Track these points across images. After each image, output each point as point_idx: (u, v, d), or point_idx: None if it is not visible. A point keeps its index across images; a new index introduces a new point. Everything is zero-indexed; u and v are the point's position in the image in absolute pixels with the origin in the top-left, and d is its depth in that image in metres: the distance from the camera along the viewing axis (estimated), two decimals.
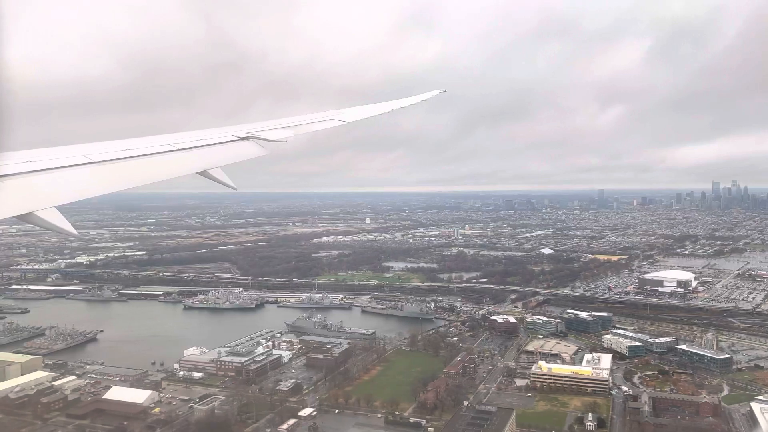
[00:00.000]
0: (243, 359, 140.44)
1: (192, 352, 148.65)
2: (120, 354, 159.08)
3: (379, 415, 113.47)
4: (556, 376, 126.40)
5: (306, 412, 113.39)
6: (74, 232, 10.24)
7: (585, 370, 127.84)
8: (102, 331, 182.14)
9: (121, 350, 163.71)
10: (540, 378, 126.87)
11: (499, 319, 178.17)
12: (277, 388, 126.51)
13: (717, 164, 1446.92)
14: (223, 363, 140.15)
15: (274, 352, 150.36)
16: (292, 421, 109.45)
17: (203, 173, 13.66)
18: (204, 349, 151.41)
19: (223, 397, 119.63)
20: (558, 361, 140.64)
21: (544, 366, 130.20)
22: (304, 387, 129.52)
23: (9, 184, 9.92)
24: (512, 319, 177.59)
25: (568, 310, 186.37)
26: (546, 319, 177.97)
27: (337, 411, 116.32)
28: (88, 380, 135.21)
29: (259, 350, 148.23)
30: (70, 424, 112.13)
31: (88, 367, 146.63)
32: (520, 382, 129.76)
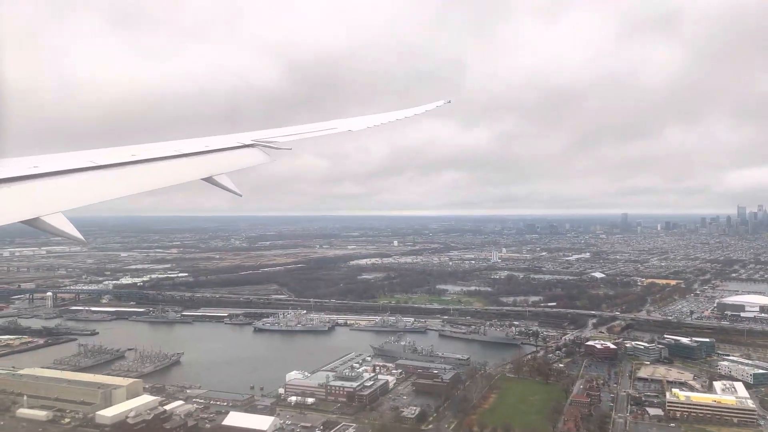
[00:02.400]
0: (354, 384, 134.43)
1: (294, 376, 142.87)
2: (212, 377, 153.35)
3: None
4: (696, 405, 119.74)
5: None
6: (81, 237, 9.88)
7: (728, 399, 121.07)
8: (182, 353, 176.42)
9: (211, 373, 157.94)
10: (677, 407, 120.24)
11: (597, 344, 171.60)
12: (402, 414, 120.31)
13: (738, 189, 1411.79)
14: (333, 388, 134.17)
15: (379, 377, 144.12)
16: None
17: (209, 179, 13.48)
18: (306, 373, 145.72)
19: (355, 425, 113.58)
20: (684, 388, 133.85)
21: (680, 394, 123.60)
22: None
23: (15, 189, 9.70)
24: (611, 345, 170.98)
25: (666, 336, 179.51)
26: (647, 344, 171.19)
27: None
28: (195, 405, 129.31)
29: (366, 375, 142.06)
30: None
31: (188, 391, 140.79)
32: (652, 411, 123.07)
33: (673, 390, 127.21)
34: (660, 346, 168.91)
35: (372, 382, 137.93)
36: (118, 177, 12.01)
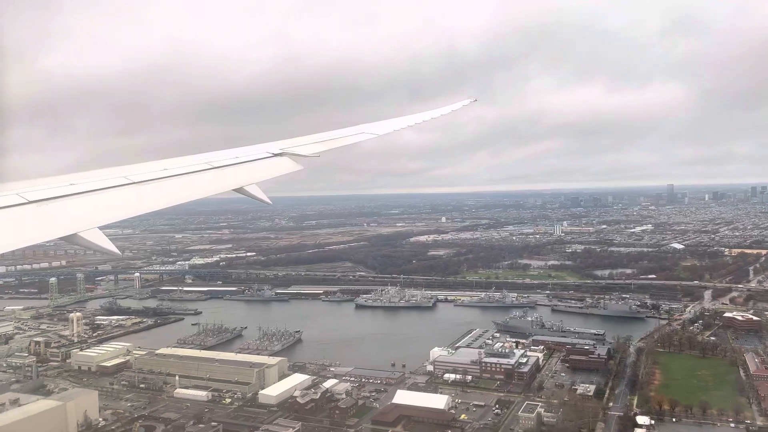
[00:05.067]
0: (511, 361, 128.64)
1: (439, 353, 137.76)
2: (343, 355, 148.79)
3: (733, 425, 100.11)
4: None
5: (643, 420, 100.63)
6: (117, 251, 10.21)
7: None
8: (301, 331, 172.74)
9: (339, 351, 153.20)
10: None
11: (737, 316, 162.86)
12: (578, 392, 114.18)
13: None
14: (488, 365, 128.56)
15: (528, 353, 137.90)
16: None
17: (239, 190, 13.84)
18: (449, 350, 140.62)
19: (540, 403, 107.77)
20: None
21: None
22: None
23: (54, 207, 10.14)
24: (753, 317, 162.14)
25: None
26: None
27: (674, 420, 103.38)
28: (349, 383, 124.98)
29: (517, 352, 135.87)
30: None
31: (332, 369, 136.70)
32: None
33: None
34: None
35: (526, 359, 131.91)
36: (150, 192, 12.21)
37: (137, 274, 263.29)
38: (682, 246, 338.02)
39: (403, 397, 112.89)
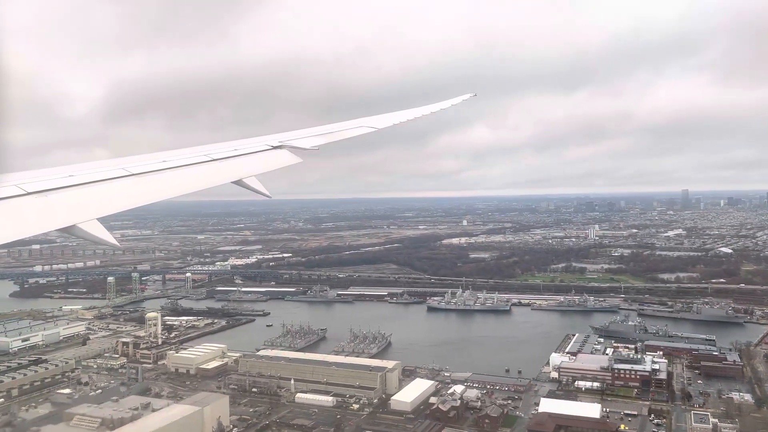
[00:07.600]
0: (646, 368, 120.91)
1: (561, 359, 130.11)
2: (445, 359, 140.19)
3: None
4: None
5: None
6: (116, 243, 10.05)
7: None
8: (391, 334, 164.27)
9: (440, 355, 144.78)
10: None
11: None
12: (735, 401, 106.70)
13: None
14: (621, 372, 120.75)
15: (654, 360, 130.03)
16: None
17: (238, 182, 13.79)
18: (570, 356, 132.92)
19: (710, 414, 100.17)
20: None
21: None
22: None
23: (52, 198, 10.04)
24: None
25: None
26: None
27: None
28: (477, 390, 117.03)
29: (647, 358, 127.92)
30: None
31: (446, 374, 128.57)
32: None
33: None
34: None
35: (657, 366, 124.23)
36: (149, 183, 12.14)
37: (188, 275, 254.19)
38: (730, 250, 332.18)
39: (550, 405, 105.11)
